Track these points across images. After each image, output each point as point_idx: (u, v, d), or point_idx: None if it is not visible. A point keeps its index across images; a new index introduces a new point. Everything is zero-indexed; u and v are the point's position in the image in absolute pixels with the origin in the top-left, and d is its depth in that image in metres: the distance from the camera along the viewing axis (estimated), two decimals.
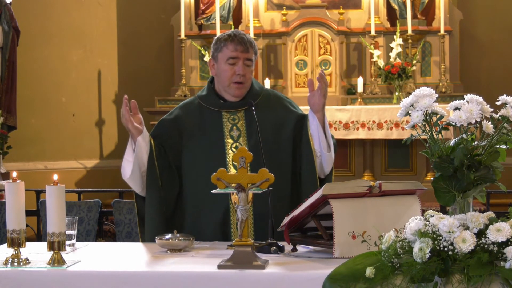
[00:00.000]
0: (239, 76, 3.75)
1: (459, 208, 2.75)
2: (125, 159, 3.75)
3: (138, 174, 3.74)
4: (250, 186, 3.03)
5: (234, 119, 3.83)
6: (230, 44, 3.74)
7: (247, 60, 3.76)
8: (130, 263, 3.16)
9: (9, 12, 8.67)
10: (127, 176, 3.74)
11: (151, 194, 3.76)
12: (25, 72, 9.25)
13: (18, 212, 3.10)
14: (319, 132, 3.77)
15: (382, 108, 8.75)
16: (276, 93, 4.04)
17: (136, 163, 3.70)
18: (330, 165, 3.82)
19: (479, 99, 2.76)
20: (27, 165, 9.45)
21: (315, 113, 3.77)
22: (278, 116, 3.86)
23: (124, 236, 5.37)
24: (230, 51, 3.74)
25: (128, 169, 3.72)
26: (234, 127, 3.82)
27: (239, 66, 3.74)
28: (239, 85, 3.77)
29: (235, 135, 3.81)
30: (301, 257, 3.16)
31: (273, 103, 3.90)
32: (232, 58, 3.74)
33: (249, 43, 3.76)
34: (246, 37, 3.78)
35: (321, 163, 3.80)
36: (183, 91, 9.46)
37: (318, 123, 3.76)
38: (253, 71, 3.84)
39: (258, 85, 3.95)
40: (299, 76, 9.28)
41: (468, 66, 9.72)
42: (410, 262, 2.59)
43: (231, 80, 3.77)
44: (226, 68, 3.76)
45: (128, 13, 10.16)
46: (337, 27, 9.25)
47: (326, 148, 3.77)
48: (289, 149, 3.82)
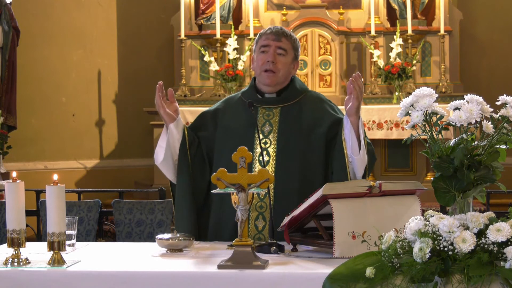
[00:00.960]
0: (269, 63, 3.74)
1: (459, 208, 2.75)
2: (159, 145, 3.81)
3: (171, 161, 3.79)
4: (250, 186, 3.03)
5: (269, 114, 3.82)
6: (264, 35, 3.80)
7: (279, 49, 3.76)
8: (130, 263, 3.16)
9: (9, 12, 8.67)
10: (159, 161, 3.79)
11: (181, 182, 3.78)
12: (25, 72, 9.25)
13: (18, 212, 3.10)
14: (352, 136, 3.67)
15: (382, 108, 8.75)
16: (320, 95, 3.98)
17: (169, 150, 3.76)
18: (361, 170, 3.70)
19: (479, 99, 2.76)
20: (27, 165, 9.45)
21: (348, 116, 3.67)
22: (315, 117, 3.81)
23: (124, 236, 5.37)
24: (262, 40, 3.79)
25: (161, 155, 3.77)
26: (267, 122, 3.82)
27: (269, 54, 3.75)
28: (269, 73, 3.76)
29: (266, 131, 3.80)
30: (301, 257, 3.16)
31: (313, 104, 3.85)
32: (264, 46, 3.77)
33: (283, 34, 3.78)
34: (282, 29, 3.81)
35: (353, 168, 3.71)
36: (183, 91, 9.45)
37: (351, 127, 3.66)
38: (288, 63, 3.79)
39: (300, 85, 3.91)
40: (299, 76, 9.27)
41: (468, 66, 9.71)
42: (410, 262, 2.59)
43: (262, 68, 3.77)
44: (258, 57, 3.79)
45: (128, 13, 10.16)
46: (337, 27, 9.25)
47: (357, 152, 3.66)
48: (321, 151, 3.76)
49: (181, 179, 3.78)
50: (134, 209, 5.41)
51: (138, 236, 5.36)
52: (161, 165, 3.81)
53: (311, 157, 3.75)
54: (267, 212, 3.67)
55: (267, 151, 3.74)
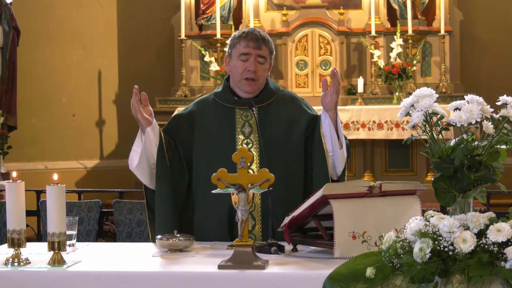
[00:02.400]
0: (250, 72, 3.75)
1: (459, 208, 2.75)
2: (133, 150, 3.77)
3: (146, 166, 3.75)
4: (250, 186, 3.03)
5: (247, 116, 3.82)
6: (243, 41, 3.76)
7: (259, 57, 3.76)
8: (130, 263, 3.16)
9: (9, 12, 8.67)
10: (133, 166, 3.75)
11: (161, 185, 3.76)
12: (25, 72, 9.25)
13: (18, 212, 3.10)
14: (331, 130, 3.72)
15: (382, 108, 8.75)
16: (292, 94, 4.02)
17: (144, 154, 3.72)
18: (343, 164, 3.77)
19: (479, 99, 2.76)
20: (27, 165, 9.45)
21: (327, 111, 3.73)
22: (291, 116, 3.84)
23: (124, 236, 5.38)
24: (242, 47, 3.75)
25: (135, 159, 3.73)
26: (246, 123, 3.82)
27: (250, 62, 3.74)
28: (250, 81, 3.77)
29: (247, 132, 3.81)
30: (301, 257, 3.16)
31: (287, 103, 3.89)
32: (244, 54, 3.75)
33: (262, 40, 3.76)
34: (260, 34, 3.78)
35: (333, 162, 3.76)
36: (183, 91, 9.46)
37: (330, 121, 3.72)
38: (266, 69, 3.81)
39: (274, 85, 3.93)
40: (300, 76, 9.28)
41: (468, 66, 9.71)
42: (411, 262, 2.59)
43: (242, 76, 3.77)
44: (238, 64, 3.77)
45: (128, 13, 10.16)
46: (338, 27, 9.25)
47: (338, 146, 3.73)
48: (301, 149, 3.81)
49: (162, 183, 3.75)
50: (134, 209, 5.41)
51: (138, 236, 5.37)
52: (136, 170, 3.75)
53: (293, 155, 3.77)
54: (256, 212, 3.69)
55: (250, 151, 3.74)
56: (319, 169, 3.76)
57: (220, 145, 3.78)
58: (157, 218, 3.78)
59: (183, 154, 3.82)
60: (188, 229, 3.72)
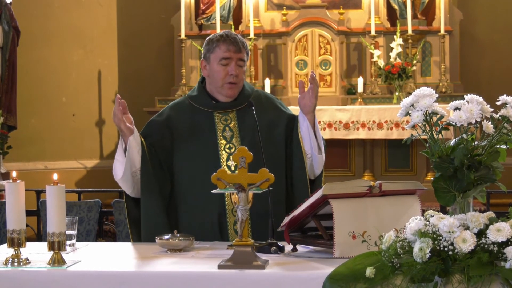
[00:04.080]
0: (232, 76, 3.74)
1: (459, 208, 2.75)
2: (116, 159, 3.71)
3: (129, 174, 3.70)
4: (250, 186, 3.03)
5: (226, 119, 3.81)
6: (223, 45, 3.75)
7: (239, 61, 3.75)
8: (130, 263, 3.16)
9: (9, 12, 8.67)
10: (119, 176, 3.70)
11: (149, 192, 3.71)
12: (25, 72, 9.25)
13: (18, 212, 3.10)
14: (310, 133, 3.76)
15: (382, 108, 8.75)
16: (266, 93, 4.06)
17: (128, 163, 3.67)
18: (321, 167, 3.83)
19: (479, 99, 2.76)
20: (27, 165, 9.45)
21: (305, 114, 3.77)
22: (270, 117, 3.85)
23: (124, 236, 5.37)
24: (222, 52, 3.74)
25: (120, 170, 3.68)
26: (226, 127, 3.81)
27: (231, 67, 3.73)
28: (232, 85, 3.77)
29: (228, 136, 3.80)
30: (301, 257, 3.16)
31: (264, 103, 3.90)
32: (225, 58, 3.74)
33: (241, 43, 3.76)
34: (238, 37, 3.78)
35: (312, 164, 3.80)
36: (183, 91, 9.45)
37: (309, 124, 3.76)
38: (245, 72, 3.84)
39: (248, 86, 3.94)
40: (299, 76, 9.28)
41: (468, 66, 9.71)
42: (410, 262, 2.59)
43: (224, 81, 3.76)
44: (219, 69, 3.75)
45: (128, 13, 10.16)
46: (337, 27, 9.25)
47: (317, 150, 3.78)
48: (282, 150, 3.82)
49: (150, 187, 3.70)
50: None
51: None
52: (121, 180, 3.71)
53: (275, 157, 3.76)
54: None
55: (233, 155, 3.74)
56: (297, 169, 3.79)
57: (203, 151, 3.75)
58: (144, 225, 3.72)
59: (164, 160, 3.78)
60: None
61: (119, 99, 3.61)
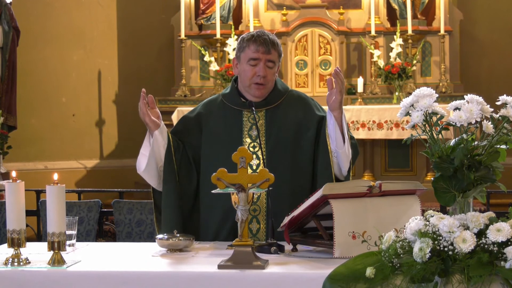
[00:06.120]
0: (260, 77, 3.72)
1: (459, 208, 2.75)
2: (141, 153, 3.76)
3: (155, 169, 3.75)
4: (250, 186, 3.03)
5: (255, 118, 3.78)
6: (252, 45, 3.71)
7: (268, 62, 3.72)
8: (130, 263, 3.16)
9: (9, 12, 8.67)
10: (141, 169, 3.75)
11: (168, 188, 3.75)
12: (25, 72, 9.25)
13: (18, 212, 3.10)
14: (336, 131, 3.68)
15: (382, 108, 8.75)
16: (300, 94, 3.97)
17: (153, 157, 3.71)
18: (347, 164, 3.72)
19: (479, 99, 2.76)
20: (27, 165, 9.45)
21: (332, 111, 3.68)
22: (300, 117, 3.81)
23: (124, 236, 5.38)
24: (251, 52, 3.71)
25: (143, 163, 3.73)
26: (253, 126, 3.80)
27: (259, 67, 3.70)
28: (259, 86, 3.74)
29: (254, 135, 3.79)
30: (301, 257, 3.16)
31: (296, 104, 3.86)
32: (253, 59, 3.71)
33: (271, 44, 3.71)
34: (269, 37, 3.73)
35: (338, 163, 3.72)
36: (183, 91, 9.46)
37: (335, 121, 3.67)
38: (275, 73, 3.79)
39: (282, 85, 3.90)
40: (299, 76, 9.28)
41: (468, 66, 9.72)
42: (410, 262, 2.59)
43: (252, 81, 3.74)
44: (247, 69, 3.73)
45: (128, 13, 10.16)
46: (337, 27, 9.25)
47: (341, 145, 3.68)
48: (310, 151, 3.77)
49: (168, 186, 3.74)
50: (134, 209, 5.41)
51: (138, 236, 5.37)
52: (144, 173, 3.75)
53: (301, 158, 3.75)
54: (261, 215, 3.67)
55: (256, 154, 3.73)
56: (323, 169, 3.73)
57: (227, 148, 3.73)
58: (163, 220, 3.78)
59: (192, 156, 3.81)
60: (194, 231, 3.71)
61: (144, 93, 3.66)
